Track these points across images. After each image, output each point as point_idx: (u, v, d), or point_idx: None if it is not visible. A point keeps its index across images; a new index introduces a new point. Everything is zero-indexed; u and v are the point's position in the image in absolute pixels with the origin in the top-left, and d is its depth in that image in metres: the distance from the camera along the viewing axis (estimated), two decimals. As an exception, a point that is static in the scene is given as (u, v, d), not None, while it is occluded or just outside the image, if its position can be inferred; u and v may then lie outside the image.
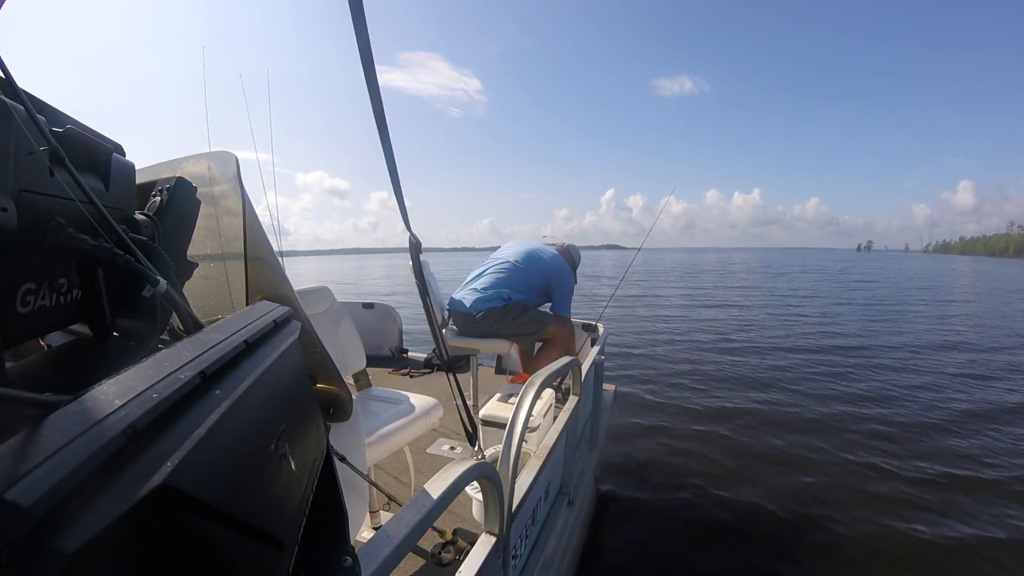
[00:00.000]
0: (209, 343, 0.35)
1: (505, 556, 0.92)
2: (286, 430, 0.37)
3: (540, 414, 1.67)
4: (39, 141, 0.48)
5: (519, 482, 1.03)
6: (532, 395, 1.06)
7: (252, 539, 0.30)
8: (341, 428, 1.00)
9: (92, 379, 0.28)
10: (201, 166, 0.82)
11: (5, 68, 0.47)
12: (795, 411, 3.98)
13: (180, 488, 0.24)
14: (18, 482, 0.19)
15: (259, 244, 0.79)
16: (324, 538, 0.48)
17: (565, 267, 2.59)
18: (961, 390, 4.61)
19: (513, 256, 2.57)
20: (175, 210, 0.76)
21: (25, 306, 0.51)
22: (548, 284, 2.52)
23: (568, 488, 1.59)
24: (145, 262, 0.56)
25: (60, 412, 0.24)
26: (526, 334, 2.44)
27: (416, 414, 1.59)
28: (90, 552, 0.19)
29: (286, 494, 0.37)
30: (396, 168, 0.93)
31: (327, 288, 1.80)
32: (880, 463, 3.04)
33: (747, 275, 22.65)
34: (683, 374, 5.15)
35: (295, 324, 0.49)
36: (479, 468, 0.77)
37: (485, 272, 2.54)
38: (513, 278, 2.47)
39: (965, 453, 3.19)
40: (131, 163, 0.69)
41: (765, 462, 3.07)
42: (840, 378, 5.00)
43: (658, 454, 3.20)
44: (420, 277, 1.24)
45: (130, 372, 0.29)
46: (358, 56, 0.76)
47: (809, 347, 6.62)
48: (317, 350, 0.83)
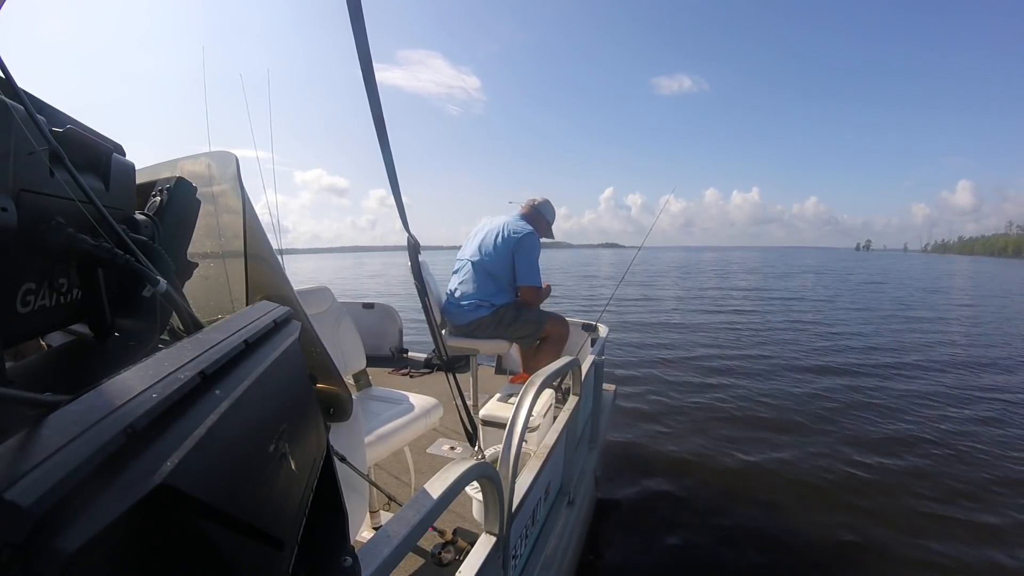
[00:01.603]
0: (209, 343, 0.35)
1: (505, 556, 0.92)
2: (286, 430, 0.37)
3: (540, 414, 1.67)
4: (39, 141, 0.47)
5: (519, 482, 1.03)
6: (532, 395, 1.06)
7: (252, 539, 0.30)
8: (341, 428, 1.00)
9: (92, 379, 0.28)
10: (201, 166, 0.82)
11: (5, 68, 0.47)
12: (796, 411, 3.99)
13: (180, 488, 0.24)
14: (18, 482, 0.19)
15: (259, 244, 0.79)
16: (324, 538, 0.48)
17: (526, 232, 2.33)
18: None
19: (470, 253, 2.41)
20: (175, 210, 0.76)
21: (25, 306, 0.51)
22: (514, 261, 2.33)
23: (568, 488, 1.59)
24: (145, 262, 0.56)
25: (60, 412, 0.24)
26: (525, 336, 2.40)
27: (416, 414, 1.59)
28: (90, 552, 0.19)
29: (286, 494, 0.37)
30: (395, 169, 0.93)
31: (327, 288, 1.80)
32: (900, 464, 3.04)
33: (748, 276, 22.46)
34: (684, 374, 5.16)
35: (295, 324, 0.49)
36: (479, 468, 0.77)
37: (459, 281, 2.42)
38: (481, 281, 2.33)
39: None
40: (131, 163, 0.69)
41: (767, 463, 3.07)
42: (843, 375, 5.00)
43: (658, 454, 3.20)
44: (419, 277, 1.24)
45: (130, 372, 0.29)
46: (356, 55, 0.76)
47: (815, 350, 6.61)
48: (317, 350, 0.83)
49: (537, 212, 2.51)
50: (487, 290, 2.34)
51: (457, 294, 2.40)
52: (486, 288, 2.34)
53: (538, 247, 2.41)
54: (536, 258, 2.38)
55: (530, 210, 2.51)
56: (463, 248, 2.53)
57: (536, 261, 2.38)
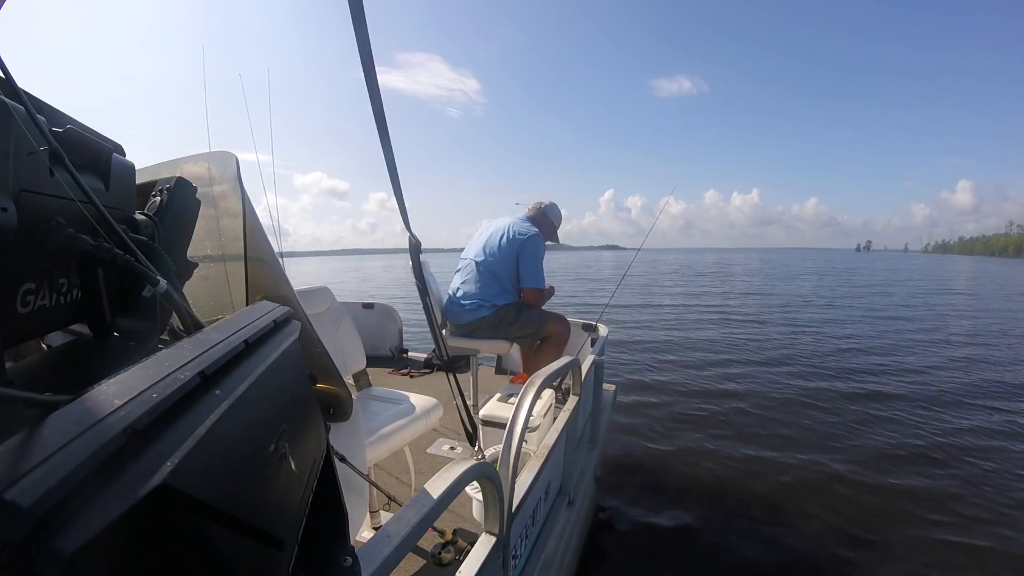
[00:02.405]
0: (209, 343, 0.35)
1: (505, 556, 0.92)
2: (286, 430, 0.37)
3: (540, 414, 1.67)
4: (39, 141, 0.48)
5: (519, 482, 1.03)
6: (532, 395, 1.06)
7: (252, 539, 0.30)
8: (341, 428, 1.00)
9: (92, 379, 0.28)
10: (201, 166, 0.82)
11: (5, 68, 0.47)
12: (797, 412, 3.98)
13: (180, 488, 0.24)
14: (18, 482, 0.19)
15: (259, 244, 0.79)
16: (324, 538, 0.48)
17: (531, 234, 2.34)
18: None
19: (474, 253, 2.41)
20: (175, 210, 0.76)
21: (25, 306, 0.51)
22: (518, 262, 2.34)
23: (568, 488, 1.59)
24: (145, 262, 0.56)
25: (60, 412, 0.24)
26: (526, 336, 2.40)
27: (416, 414, 1.59)
28: (90, 552, 0.19)
29: (286, 494, 0.37)
30: (396, 169, 0.93)
31: (327, 288, 1.80)
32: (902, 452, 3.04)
33: (750, 278, 22.26)
34: (685, 375, 5.16)
35: (295, 324, 0.49)
36: (479, 468, 0.77)
37: (462, 280, 2.42)
38: (485, 281, 2.33)
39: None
40: (131, 163, 0.69)
41: (768, 464, 3.07)
42: (846, 378, 5.00)
43: (658, 454, 3.20)
44: (420, 277, 1.24)
45: (130, 372, 0.29)
46: (357, 57, 0.76)
47: (816, 353, 6.60)
48: (317, 350, 0.83)
49: (543, 215, 2.50)
50: (490, 290, 2.34)
51: (459, 294, 2.40)
52: (489, 288, 2.34)
53: (542, 249, 2.41)
54: (540, 260, 2.39)
55: (536, 212, 2.50)
56: (467, 248, 2.53)
57: (540, 263, 2.39)
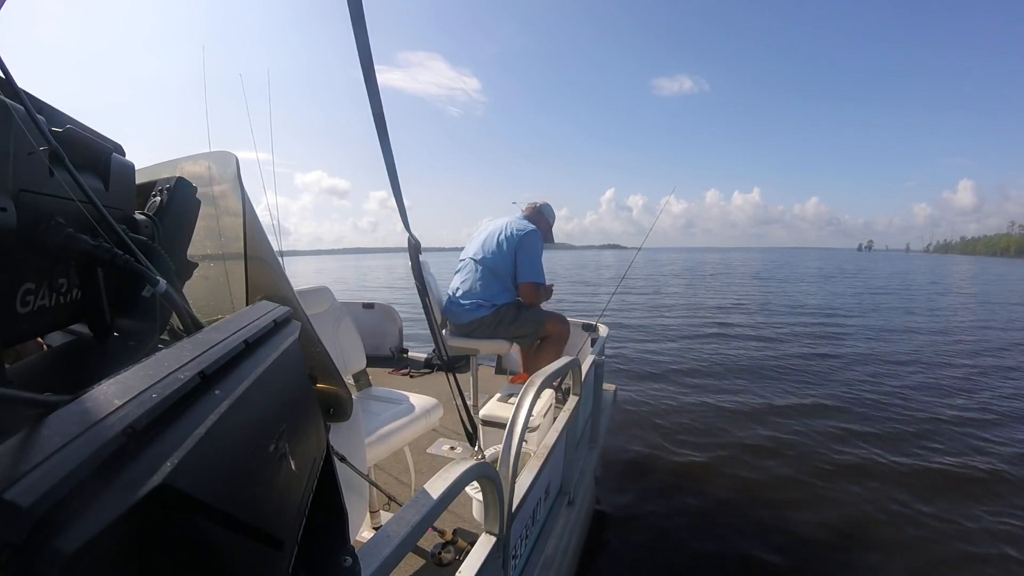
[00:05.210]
0: (209, 343, 0.35)
1: (505, 556, 0.92)
2: (286, 430, 0.37)
3: (540, 414, 1.67)
4: (39, 141, 0.47)
5: (519, 482, 1.03)
6: (532, 395, 1.06)
7: (252, 539, 0.30)
8: (341, 428, 1.00)
9: (92, 379, 0.28)
10: (201, 166, 0.82)
11: (5, 68, 0.47)
12: (798, 413, 3.98)
13: (180, 488, 0.24)
14: (17, 482, 0.19)
15: (259, 244, 0.79)
16: (324, 538, 0.48)
17: (529, 230, 2.37)
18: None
19: (474, 252, 2.43)
20: (175, 210, 0.76)
21: (25, 306, 0.51)
22: (516, 259, 2.36)
23: (568, 488, 1.59)
24: (145, 262, 0.56)
25: (60, 412, 0.24)
26: (526, 335, 2.41)
27: (416, 414, 1.59)
28: (89, 552, 0.19)
29: (286, 494, 0.37)
30: (396, 171, 0.93)
31: (327, 288, 1.80)
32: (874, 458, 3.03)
33: (751, 280, 22.13)
34: (686, 375, 5.16)
35: (295, 324, 0.49)
36: (479, 468, 0.76)
37: (461, 280, 2.44)
38: (486, 281, 2.36)
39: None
40: (131, 163, 0.69)
41: (769, 464, 3.07)
42: (849, 380, 5.00)
43: (658, 454, 3.20)
44: (420, 278, 1.24)
45: (130, 372, 0.29)
46: (357, 56, 0.76)
47: (817, 354, 6.60)
48: (317, 350, 0.83)
49: (539, 214, 2.56)
50: (490, 290, 2.35)
51: (459, 293, 2.41)
52: (489, 287, 2.36)
53: (541, 245, 2.44)
54: (539, 255, 2.41)
55: (532, 212, 2.56)
56: (466, 248, 2.55)
57: (539, 258, 2.41)
